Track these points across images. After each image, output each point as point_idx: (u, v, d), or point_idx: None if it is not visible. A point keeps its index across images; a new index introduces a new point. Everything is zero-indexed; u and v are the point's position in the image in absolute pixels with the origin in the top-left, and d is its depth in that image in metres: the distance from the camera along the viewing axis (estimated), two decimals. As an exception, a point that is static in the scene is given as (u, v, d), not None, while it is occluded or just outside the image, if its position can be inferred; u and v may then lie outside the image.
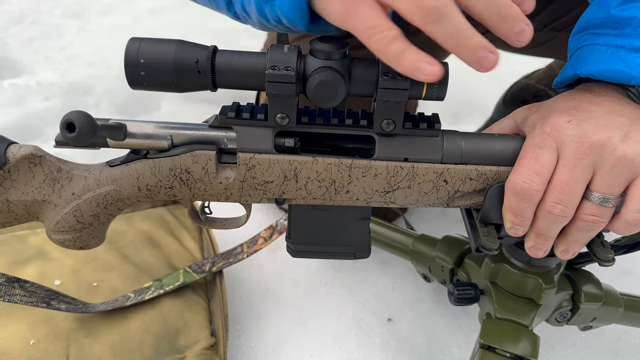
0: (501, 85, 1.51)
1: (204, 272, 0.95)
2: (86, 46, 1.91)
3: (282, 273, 1.13)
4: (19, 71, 1.75)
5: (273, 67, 0.51)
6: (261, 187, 0.60)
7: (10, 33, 1.94)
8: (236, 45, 1.96)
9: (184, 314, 0.90)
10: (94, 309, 0.86)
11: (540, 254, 0.61)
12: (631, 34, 0.56)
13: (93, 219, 0.62)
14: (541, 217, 0.57)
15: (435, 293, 1.10)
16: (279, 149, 0.59)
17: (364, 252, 0.69)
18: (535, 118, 0.59)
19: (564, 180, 0.54)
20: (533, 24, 1.20)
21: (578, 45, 0.61)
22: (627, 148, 0.53)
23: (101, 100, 1.65)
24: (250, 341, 0.99)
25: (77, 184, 0.61)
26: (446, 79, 0.52)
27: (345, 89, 0.53)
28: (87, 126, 0.51)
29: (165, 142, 0.58)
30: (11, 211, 0.61)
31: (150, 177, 0.60)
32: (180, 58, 0.52)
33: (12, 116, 1.53)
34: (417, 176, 0.60)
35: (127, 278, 0.95)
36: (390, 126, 0.56)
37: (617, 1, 0.57)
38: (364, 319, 1.04)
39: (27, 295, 0.80)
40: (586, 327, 0.86)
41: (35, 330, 0.83)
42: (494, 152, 0.60)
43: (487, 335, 0.76)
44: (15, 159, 0.59)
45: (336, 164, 0.59)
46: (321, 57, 0.52)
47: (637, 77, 0.55)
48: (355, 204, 0.62)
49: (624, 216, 0.55)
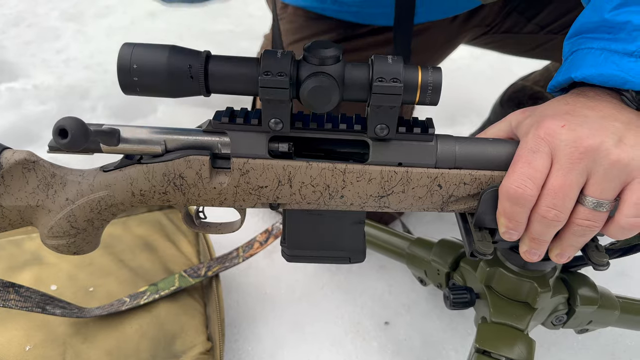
0: (498, 86, 1.51)
1: (199, 277, 0.95)
2: (83, 49, 1.91)
3: (279, 277, 1.12)
4: (15, 74, 1.76)
5: (266, 73, 0.51)
6: (255, 192, 0.60)
7: (7, 36, 1.95)
8: (234, 47, 1.97)
9: (181, 319, 0.90)
10: (90, 314, 0.85)
11: (535, 258, 0.61)
12: (625, 39, 0.56)
13: (87, 224, 0.62)
14: (535, 221, 0.57)
15: (432, 296, 1.10)
16: (272, 154, 0.59)
17: (359, 256, 0.69)
18: (529, 122, 0.59)
19: (558, 184, 0.54)
20: (530, 27, 1.21)
21: (572, 49, 0.62)
22: (621, 153, 0.53)
23: (97, 104, 1.66)
24: (247, 345, 0.98)
25: (70, 190, 0.60)
26: (439, 84, 0.52)
27: (338, 94, 0.53)
28: (79, 132, 0.50)
29: (159, 147, 0.58)
30: (5, 217, 0.61)
31: (144, 182, 0.59)
32: (173, 64, 0.52)
33: (9, 120, 1.54)
34: (411, 181, 0.60)
35: (124, 283, 0.94)
36: (384, 131, 0.56)
37: (611, 5, 0.57)
38: (361, 322, 1.04)
39: (22, 300, 0.80)
40: (582, 330, 0.86)
41: (31, 336, 0.83)
42: (488, 157, 0.60)
43: (483, 339, 0.75)
44: (8, 165, 0.59)
45: (330, 169, 0.59)
46: (315, 62, 0.52)
47: (631, 82, 0.55)
48: (350, 208, 0.62)
49: (618, 221, 0.55)
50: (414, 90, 0.53)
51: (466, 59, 1.91)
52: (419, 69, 0.53)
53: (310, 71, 0.52)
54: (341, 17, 1.07)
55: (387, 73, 0.52)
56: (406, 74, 0.53)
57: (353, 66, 0.54)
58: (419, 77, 0.53)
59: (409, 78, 0.53)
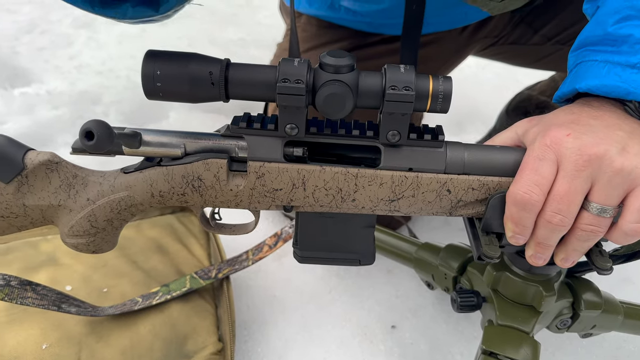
0: (504, 95, 1.53)
1: (210, 279, 0.97)
2: (95, 55, 1.93)
3: (288, 280, 1.14)
4: (29, 80, 1.78)
5: (284, 80, 0.54)
6: (270, 194, 0.62)
7: (21, 42, 1.97)
8: (245, 55, 2.00)
9: (192, 320, 0.92)
10: (103, 312, 0.87)
11: (540, 262, 0.63)
12: (628, 51, 0.58)
13: (107, 223, 0.64)
14: (541, 226, 0.59)
15: (438, 300, 1.11)
16: (288, 158, 0.61)
17: (369, 259, 0.71)
18: (535, 131, 0.61)
19: (563, 191, 0.56)
20: (537, 38, 1.22)
21: (577, 61, 0.63)
22: (624, 161, 0.54)
23: (110, 109, 1.68)
24: (256, 347, 1.00)
25: (92, 190, 0.63)
26: (450, 92, 0.54)
27: (352, 102, 0.55)
28: (105, 135, 0.53)
29: (179, 150, 0.60)
30: (27, 215, 0.63)
31: (164, 183, 0.62)
32: (195, 71, 0.54)
33: (22, 124, 1.56)
34: (421, 185, 0.61)
35: (137, 284, 0.96)
36: (396, 137, 0.58)
37: (614, 19, 0.59)
38: (368, 325, 1.06)
39: (39, 298, 0.82)
40: (586, 334, 0.88)
41: (47, 334, 0.85)
42: (496, 163, 0.61)
43: (489, 341, 0.77)
44: (33, 165, 0.61)
45: (343, 173, 0.61)
46: (330, 70, 0.55)
47: (634, 93, 0.57)
48: (361, 211, 0.64)
49: (622, 226, 0.57)
50: (425, 98, 0.55)
51: (473, 68, 1.93)
52: (430, 78, 0.55)
53: (325, 79, 0.55)
54: (354, 26, 1.09)
55: (399, 81, 0.54)
56: (418, 83, 0.55)
57: (367, 75, 0.56)
58: (430, 85, 0.55)
59: (420, 86, 0.55)
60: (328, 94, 0.54)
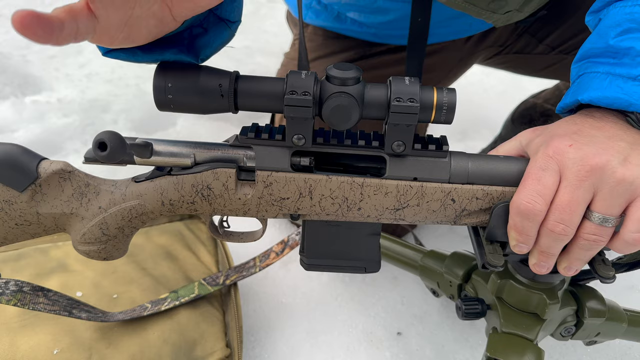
0: (509, 103, 1.54)
1: (218, 285, 0.98)
2: (104, 64, 1.95)
3: (295, 287, 1.15)
4: (40, 88, 1.81)
5: (291, 92, 0.55)
6: (277, 203, 0.64)
7: (32, 51, 1.99)
8: (251, 63, 2.01)
9: (201, 326, 0.93)
10: (113, 318, 0.89)
11: (543, 271, 0.64)
12: (629, 64, 0.59)
13: (118, 231, 0.65)
14: (544, 235, 0.60)
15: (444, 308, 1.12)
16: (295, 168, 0.62)
17: (374, 266, 0.72)
18: (539, 141, 0.62)
19: (566, 200, 0.57)
20: (541, 48, 1.23)
21: (579, 73, 0.65)
22: (626, 171, 0.55)
23: (119, 117, 1.70)
24: (263, 352, 1.01)
25: (103, 198, 0.64)
26: (454, 104, 0.55)
27: (358, 113, 0.56)
28: (117, 145, 0.54)
29: (189, 159, 0.62)
30: (40, 223, 0.65)
31: (174, 192, 0.63)
32: (205, 83, 0.56)
33: (33, 132, 1.58)
34: (425, 195, 0.63)
35: (146, 290, 0.98)
36: (401, 147, 0.59)
37: (615, 32, 0.60)
38: (374, 332, 1.07)
39: (51, 303, 0.84)
40: (591, 341, 0.88)
41: (58, 340, 0.86)
42: (500, 173, 0.62)
43: (494, 348, 0.78)
44: (46, 174, 0.62)
45: (349, 182, 0.62)
46: (336, 82, 0.56)
47: (635, 104, 0.58)
48: (367, 220, 0.65)
49: (623, 236, 0.57)
50: (430, 109, 0.56)
51: (477, 75, 1.94)
52: (434, 90, 0.56)
53: (332, 91, 0.56)
54: (359, 36, 1.11)
55: (404, 93, 0.55)
56: (422, 95, 0.56)
57: (372, 87, 0.57)
58: (434, 97, 0.56)
59: (425, 98, 0.56)
60: (334, 105, 0.56)
